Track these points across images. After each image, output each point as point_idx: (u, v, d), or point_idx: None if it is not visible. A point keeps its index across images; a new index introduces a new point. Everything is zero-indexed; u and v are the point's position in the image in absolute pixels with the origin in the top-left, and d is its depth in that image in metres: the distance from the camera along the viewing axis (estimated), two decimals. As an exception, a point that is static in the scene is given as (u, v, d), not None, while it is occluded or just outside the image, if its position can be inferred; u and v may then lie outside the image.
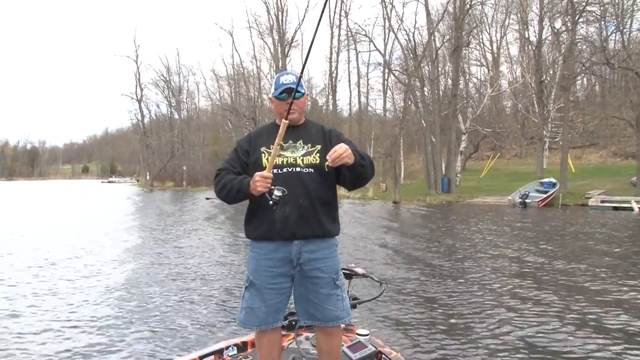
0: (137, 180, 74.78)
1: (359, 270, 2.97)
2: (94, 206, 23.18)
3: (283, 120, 2.18)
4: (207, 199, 27.50)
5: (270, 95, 2.42)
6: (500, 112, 39.55)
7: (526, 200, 19.22)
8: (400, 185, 24.97)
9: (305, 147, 2.33)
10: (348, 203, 22.65)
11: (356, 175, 2.25)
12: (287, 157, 2.31)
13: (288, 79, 2.35)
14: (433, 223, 14.19)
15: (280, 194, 2.15)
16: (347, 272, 2.87)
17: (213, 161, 49.95)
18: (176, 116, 56.55)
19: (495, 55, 40.85)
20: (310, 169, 2.29)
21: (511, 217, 15.61)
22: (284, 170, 2.28)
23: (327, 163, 2.17)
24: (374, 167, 2.31)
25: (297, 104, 2.33)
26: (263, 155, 2.31)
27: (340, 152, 2.12)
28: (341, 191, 13.52)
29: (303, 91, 2.38)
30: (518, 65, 38.18)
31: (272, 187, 2.16)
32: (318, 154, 2.32)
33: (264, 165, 2.24)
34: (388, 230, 12.22)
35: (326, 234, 2.33)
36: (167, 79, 55.87)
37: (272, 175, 2.17)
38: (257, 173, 2.18)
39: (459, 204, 21.65)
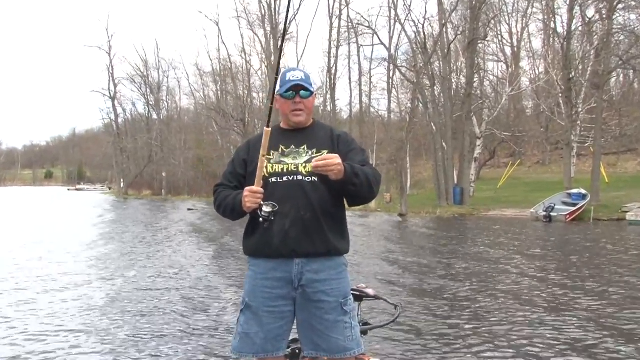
0: (110, 188, 74.67)
1: (370, 291, 2.95)
2: (55, 218, 22.98)
3: (265, 128, 2.19)
4: (190, 209, 27.42)
5: (277, 95, 2.41)
6: (520, 113, 39.77)
7: (551, 214, 19.19)
8: (406, 195, 24.97)
9: (309, 153, 2.34)
10: (347, 215, 22.61)
11: (347, 193, 2.26)
12: (287, 164, 2.31)
13: (295, 75, 2.36)
14: (444, 240, 14.13)
15: (270, 210, 2.17)
16: (357, 293, 2.87)
17: (196, 167, 50.04)
18: (155, 116, 56.79)
19: (516, 49, 41.11)
20: (313, 177, 2.27)
21: (535, 232, 15.58)
22: (284, 178, 2.29)
23: (309, 167, 2.20)
24: (374, 187, 2.26)
25: (305, 103, 2.37)
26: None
27: (328, 163, 2.10)
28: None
29: (312, 89, 2.39)
30: (542, 61, 38.41)
31: (262, 202, 2.18)
32: None
33: (263, 174, 2.24)
34: (393, 248, 12.17)
35: (332, 251, 2.31)
36: (145, 74, 56.13)
37: (261, 189, 2.18)
38: (246, 188, 2.21)
39: (474, 217, 21.63)
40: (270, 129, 2.19)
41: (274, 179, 2.28)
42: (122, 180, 57.43)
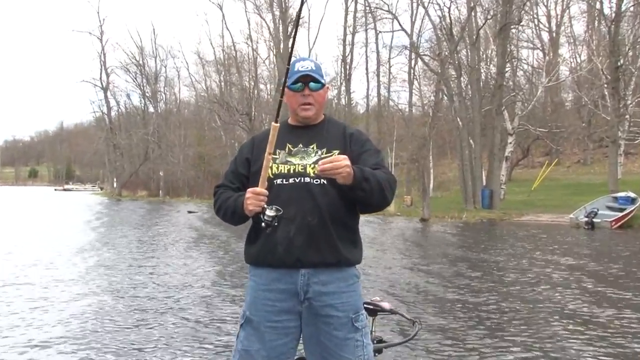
0: (101, 188, 75.49)
1: (386, 305, 2.96)
2: (40, 222, 23.21)
3: (273, 123, 2.19)
4: (190, 212, 27.56)
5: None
6: (558, 107, 39.44)
7: (594, 220, 19.02)
8: (429, 198, 24.91)
9: (319, 153, 2.35)
10: (363, 220, 22.58)
11: (356, 199, 2.25)
12: (294, 164, 2.33)
13: (305, 65, 2.38)
14: (471, 248, 14.09)
15: (273, 214, 2.16)
16: (371, 307, 2.88)
17: (197, 165, 50.31)
18: (151, 109, 57.21)
19: (554, 34, 40.76)
20: (322, 180, 2.28)
21: (575, 241, 15.45)
22: (290, 180, 2.30)
23: (315, 170, 2.20)
24: (387, 193, 2.26)
25: (314, 97, 2.38)
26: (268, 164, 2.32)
27: (335, 165, 2.09)
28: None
29: (323, 81, 2.40)
30: (584, 47, 38.04)
31: (266, 205, 2.17)
32: None
33: (270, 176, 2.27)
34: (413, 256, 12.16)
35: (342, 262, 2.31)
36: (140, 62, 56.63)
37: (265, 191, 2.19)
38: (249, 189, 2.22)
39: (505, 223, 21.53)
40: (278, 124, 2.19)
41: (279, 181, 2.29)
42: (115, 179, 58.06)
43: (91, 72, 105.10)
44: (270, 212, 2.15)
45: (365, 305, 2.56)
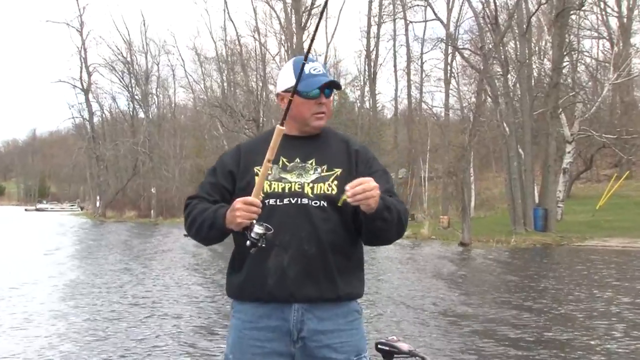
0: (82, 208, 75.98)
1: (404, 346, 2.89)
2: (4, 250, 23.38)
3: (278, 126, 2.17)
4: (187, 235, 27.73)
5: (281, 90, 2.45)
6: (629, 108, 39.07)
7: None
8: (470, 219, 24.78)
9: (318, 170, 2.36)
10: (390, 246, 22.54)
11: (372, 230, 2.26)
12: (290, 182, 2.34)
13: (317, 69, 2.41)
14: (520, 279, 13.95)
15: (262, 232, 2.13)
16: (386, 348, 2.83)
17: (195, 180, 50.51)
18: (142, 114, 57.76)
19: (625, 19, 40.27)
20: (322, 202, 2.30)
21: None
22: (285, 201, 2.31)
23: (343, 197, 2.16)
24: (405, 225, 2.32)
25: (327, 105, 2.42)
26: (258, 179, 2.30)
27: (367, 189, 2.10)
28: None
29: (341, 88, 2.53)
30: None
31: (255, 221, 2.15)
32: (336, 182, 2.34)
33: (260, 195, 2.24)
34: (447, 289, 12.08)
35: (342, 297, 2.33)
36: (128, 59, 57.16)
37: (258, 202, 2.17)
38: (239, 198, 2.18)
39: (563, 249, 21.36)
40: (284, 127, 2.18)
41: (271, 201, 2.28)
42: (98, 197, 58.28)
43: (69, 71, 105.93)
44: (258, 229, 2.12)
45: (379, 346, 2.57)
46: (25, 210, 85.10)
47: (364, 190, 2.09)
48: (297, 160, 2.37)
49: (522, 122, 27.03)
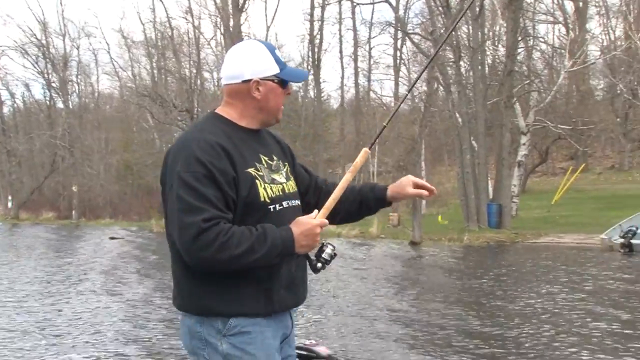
0: (-10, 210, 73.99)
1: (322, 350, 3.05)
2: None
3: (365, 149, 2.61)
4: (113, 238, 27.35)
5: (260, 77, 2.33)
6: (586, 97, 39.95)
7: (632, 242, 19.20)
8: (421, 216, 24.90)
9: (284, 167, 2.47)
10: (341, 244, 22.50)
11: (360, 214, 2.76)
12: (281, 183, 2.39)
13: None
14: (474, 279, 14.08)
15: (331, 251, 2.28)
16: (304, 353, 3.00)
17: (122, 178, 49.80)
18: (60, 104, 56.25)
19: (581, 4, 41.01)
20: (297, 201, 2.46)
21: (609, 269, 15.41)
22: (284, 204, 2.35)
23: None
24: None
25: None
26: (258, 183, 2.28)
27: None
28: (329, 227, 13.75)
29: None
30: (619, 20, 38.40)
31: (324, 241, 2.28)
32: (292, 178, 2.51)
33: (263, 201, 2.27)
34: (396, 292, 12.14)
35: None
36: (43, 42, 55.40)
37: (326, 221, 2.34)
38: (319, 221, 2.25)
39: (518, 246, 21.58)
40: (369, 150, 2.70)
41: (277, 206, 2.30)
42: (10, 197, 56.84)
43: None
44: (330, 250, 2.25)
45: (297, 351, 2.65)
46: None
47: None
48: (275, 158, 2.43)
49: (475, 112, 27.22)
